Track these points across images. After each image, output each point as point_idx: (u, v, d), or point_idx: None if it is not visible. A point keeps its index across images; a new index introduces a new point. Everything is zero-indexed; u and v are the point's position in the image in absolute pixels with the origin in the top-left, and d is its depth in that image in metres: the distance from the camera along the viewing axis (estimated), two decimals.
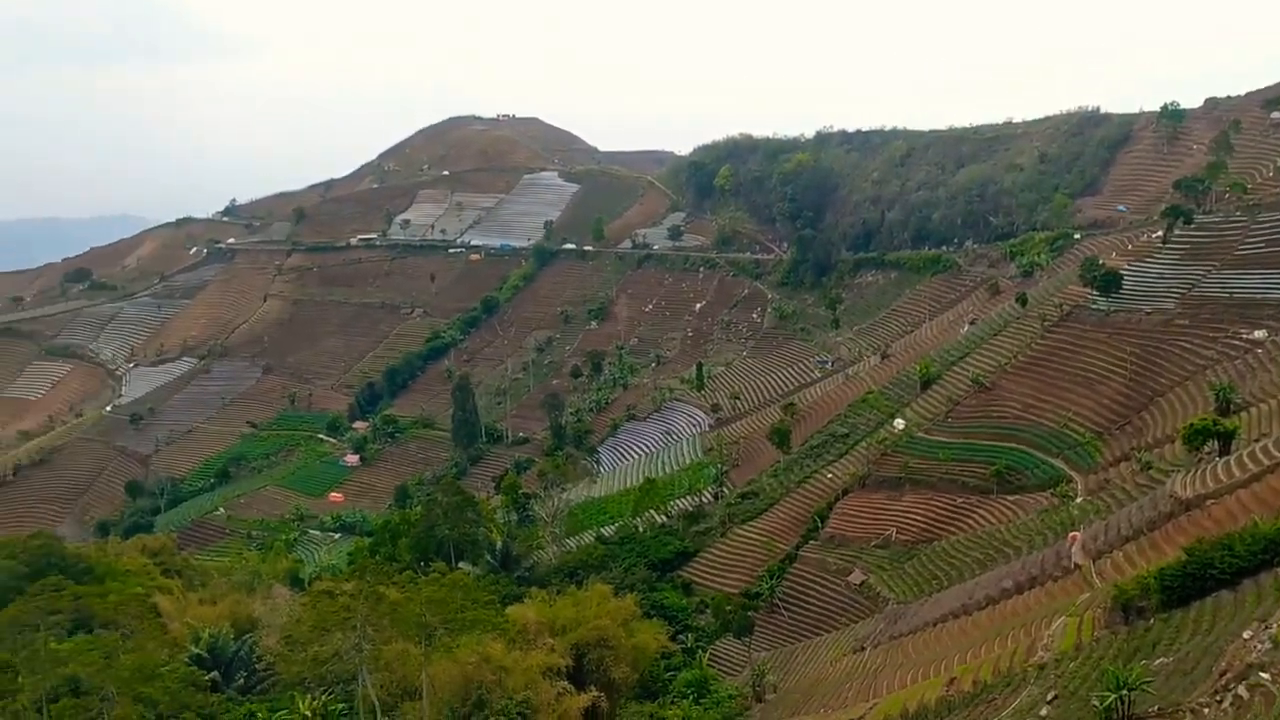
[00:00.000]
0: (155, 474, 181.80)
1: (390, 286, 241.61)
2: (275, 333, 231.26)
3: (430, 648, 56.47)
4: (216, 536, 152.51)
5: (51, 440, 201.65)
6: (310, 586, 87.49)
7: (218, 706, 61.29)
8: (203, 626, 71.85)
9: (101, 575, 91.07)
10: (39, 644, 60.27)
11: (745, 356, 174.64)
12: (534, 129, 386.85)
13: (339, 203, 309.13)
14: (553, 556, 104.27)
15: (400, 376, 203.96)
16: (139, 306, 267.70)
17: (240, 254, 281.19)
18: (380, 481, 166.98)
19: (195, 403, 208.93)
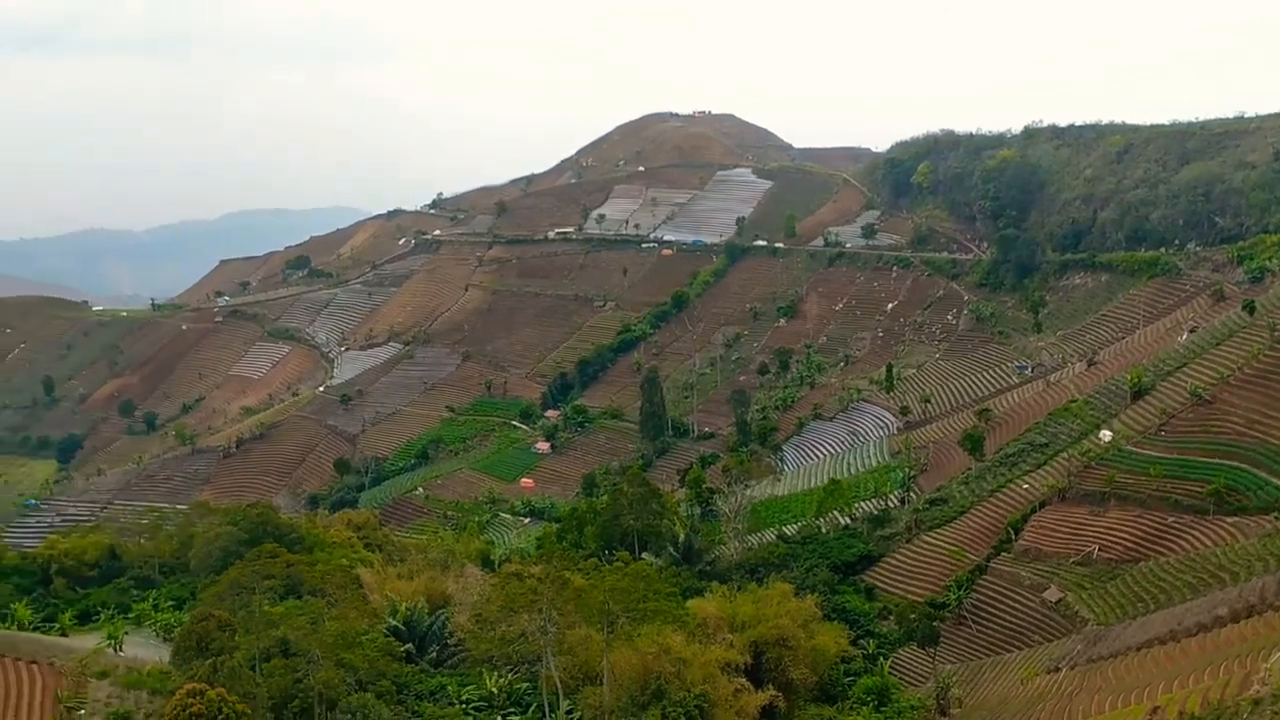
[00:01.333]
0: (361, 452, 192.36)
1: (584, 279, 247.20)
2: (475, 321, 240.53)
3: (612, 635, 57.53)
4: (415, 515, 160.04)
5: (271, 417, 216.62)
6: (500, 568, 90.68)
7: (411, 677, 64.30)
8: (400, 600, 75.39)
9: (311, 545, 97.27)
10: (255, 606, 64.64)
11: (938, 359, 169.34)
12: (729, 125, 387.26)
13: (538, 197, 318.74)
14: (734, 552, 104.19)
15: (591, 368, 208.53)
16: (351, 293, 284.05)
17: (445, 245, 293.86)
18: (569, 469, 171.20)
19: (400, 386, 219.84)
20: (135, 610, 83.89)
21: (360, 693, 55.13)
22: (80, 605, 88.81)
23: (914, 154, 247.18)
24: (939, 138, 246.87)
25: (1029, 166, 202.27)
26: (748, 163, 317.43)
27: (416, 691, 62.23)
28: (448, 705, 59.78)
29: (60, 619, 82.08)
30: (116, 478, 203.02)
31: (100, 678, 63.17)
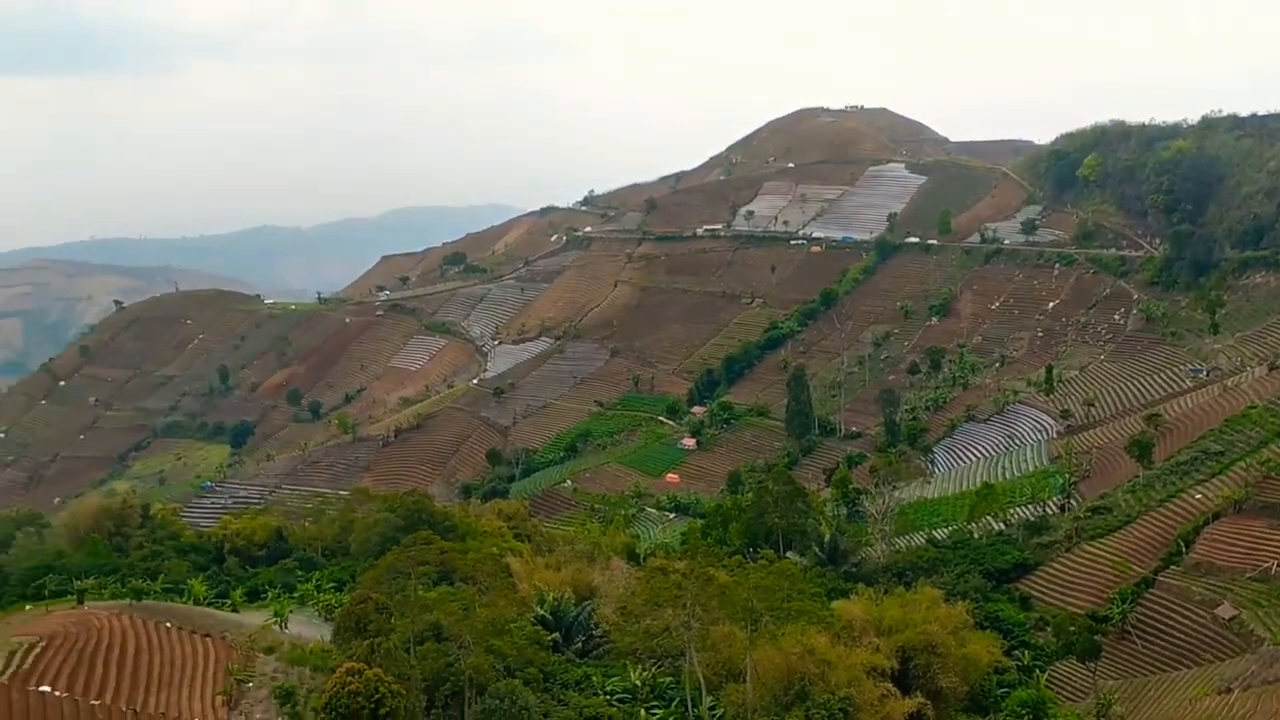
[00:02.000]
0: (512, 444, 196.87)
1: (732, 276, 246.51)
2: (623, 317, 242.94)
3: (755, 633, 57.10)
4: (563, 507, 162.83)
5: (427, 407, 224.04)
6: (645, 562, 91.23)
7: (557, 666, 65.38)
8: (548, 590, 76.75)
9: (463, 533, 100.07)
10: (410, 591, 66.81)
11: (1103, 360, 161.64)
12: (882, 120, 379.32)
13: (687, 194, 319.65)
14: (880, 555, 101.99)
15: (738, 365, 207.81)
16: (505, 289, 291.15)
17: (595, 242, 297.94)
18: (714, 466, 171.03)
19: (550, 380, 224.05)
20: (299, 590, 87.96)
21: (508, 679, 56.31)
22: (249, 583, 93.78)
23: (1080, 146, 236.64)
24: (1108, 129, 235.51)
25: (1207, 158, 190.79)
26: (901, 157, 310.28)
27: (562, 680, 63.21)
28: (592, 695, 60.51)
29: (232, 595, 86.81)
30: (284, 463, 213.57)
31: (267, 653, 66.49)
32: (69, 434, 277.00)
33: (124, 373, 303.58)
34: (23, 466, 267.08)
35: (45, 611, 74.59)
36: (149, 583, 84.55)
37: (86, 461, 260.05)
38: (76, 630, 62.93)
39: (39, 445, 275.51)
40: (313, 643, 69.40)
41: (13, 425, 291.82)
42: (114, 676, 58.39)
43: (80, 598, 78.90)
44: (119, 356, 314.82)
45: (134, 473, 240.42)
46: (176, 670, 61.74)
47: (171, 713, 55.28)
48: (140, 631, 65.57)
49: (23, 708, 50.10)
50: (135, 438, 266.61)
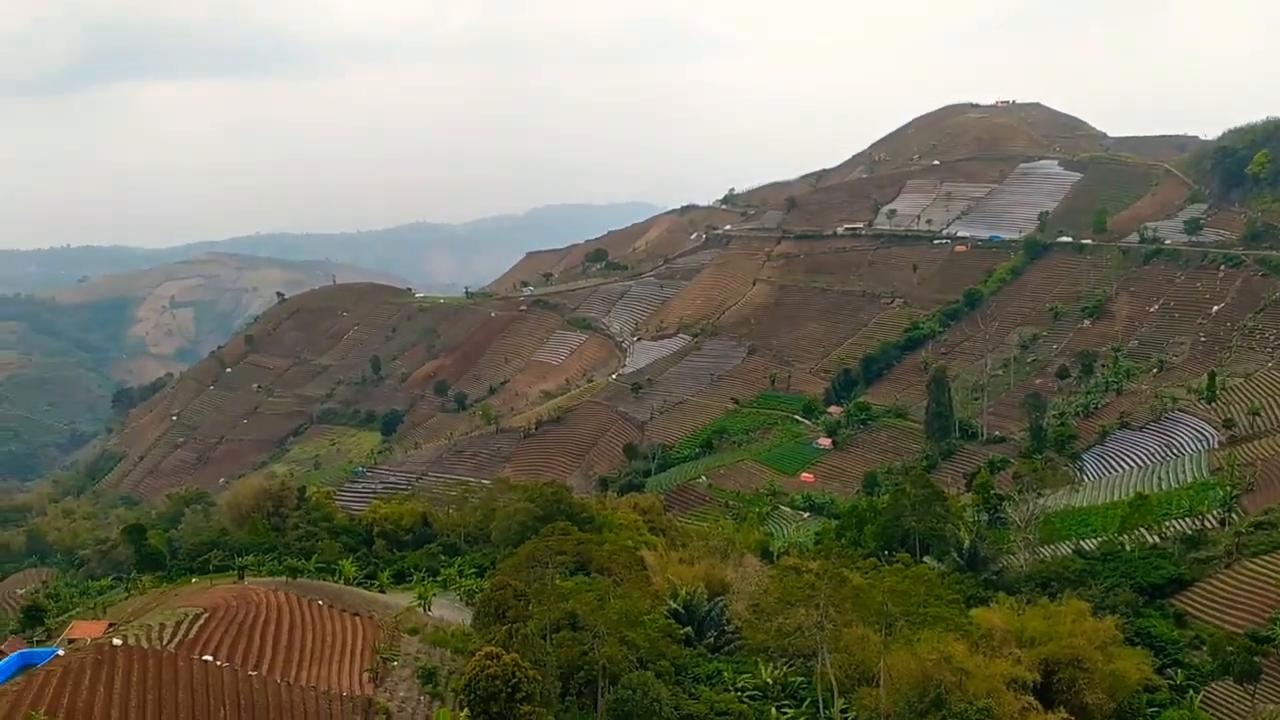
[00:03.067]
0: (649, 439, 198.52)
1: (872, 276, 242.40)
2: (761, 316, 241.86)
3: (890, 637, 56.40)
4: (697, 502, 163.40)
5: (567, 401, 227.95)
6: (778, 561, 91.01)
7: (689, 660, 65.95)
8: (681, 584, 77.40)
9: (599, 525, 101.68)
10: (547, 579, 68.43)
11: (1270, 368, 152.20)
12: (1035, 115, 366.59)
13: (828, 192, 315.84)
14: (1023, 564, 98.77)
15: (876, 365, 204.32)
16: (644, 286, 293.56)
17: (735, 240, 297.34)
18: (850, 466, 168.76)
19: (687, 377, 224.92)
20: (443, 574, 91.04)
21: (641, 670, 57.15)
22: (396, 566, 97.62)
23: (1250, 142, 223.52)
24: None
25: None
26: (1053, 154, 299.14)
27: (694, 674, 63.75)
28: (723, 691, 60.82)
29: (379, 577, 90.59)
30: (430, 451, 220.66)
31: (411, 634, 69.18)
32: (234, 418, 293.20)
33: (284, 361, 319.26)
34: (192, 448, 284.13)
35: (209, 585, 79.49)
36: (303, 561, 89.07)
37: (249, 444, 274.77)
38: (237, 604, 66.82)
39: (207, 428, 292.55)
40: (454, 626, 71.85)
41: (184, 409, 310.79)
42: (270, 649, 61.78)
43: (241, 573, 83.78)
44: (280, 346, 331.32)
45: (292, 456, 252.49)
46: (327, 646, 64.88)
47: (322, 686, 58.12)
48: (295, 608, 69.15)
49: (188, 674, 53.61)
50: (294, 423, 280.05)
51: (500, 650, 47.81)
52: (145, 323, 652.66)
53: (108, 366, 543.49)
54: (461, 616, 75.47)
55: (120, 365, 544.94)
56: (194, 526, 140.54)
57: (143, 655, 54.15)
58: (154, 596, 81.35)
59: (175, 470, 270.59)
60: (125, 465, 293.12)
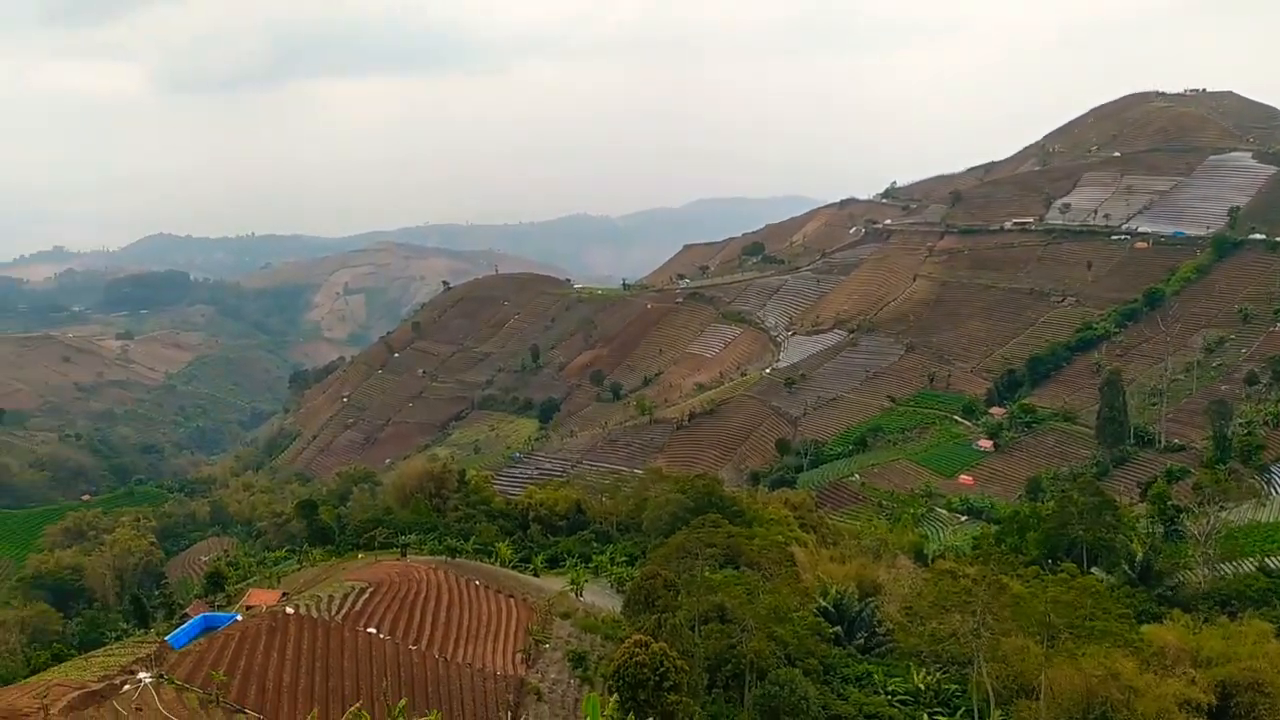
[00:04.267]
0: (801, 435, 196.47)
1: (1041, 273, 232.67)
2: (921, 312, 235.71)
3: (1052, 649, 54.12)
4: (849, 500, 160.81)
5: (720, 394, 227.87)
6: (933, 564, 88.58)
7: (838, 659, 64.98)
8: (831, 582, 76.35)
9: (750, 519, 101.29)
10: (697, 571, 68.65)
11: None
12: (1227, 104, 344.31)
13: (995, 185, 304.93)
14: (1201, 580, 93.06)
15: (1043, 366, 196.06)
16: (801, 280, 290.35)
17: (895, 234, 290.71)
18: (1012, 470, 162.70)
19: (842, 373, 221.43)
20: (595, 561, 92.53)
21: (789, 667, 56.65)
22: (550, 551, 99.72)
23: None
24: None
25: None
26: (1247, 145, 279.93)
27: (842, 674, 62.78)
28: (873, 694, 59.69)
29: (534, 561, 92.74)
30: (585, 440, 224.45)
31: (563, 618, 70.55)
32: (400, 401, 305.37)
33: (448, 348, 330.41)
34: (361, 428, 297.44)
35: (374, 560, 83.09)
36: (462, 542, 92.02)
37: (414, 427, 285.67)
38: (400, 580, 69.55)
39: (375, 410, 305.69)
40: (604, 612, 72.93)
41: (354, 391, 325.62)
42: (429, 625, 64.06)
43: (404, 551, 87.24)
44: (445, 333, 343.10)
45: (453, 440, 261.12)
46: (483, 625, 66.84)
47: (477, 664, 59.91)
48: (453, 586, 71.50)
49: (353, 645, 56.13)
50: (456, 408, 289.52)
51: (649, 639, 48.17)
52: (321, 308, 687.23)
53: (286, 349, 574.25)
54: (612, 603, 76.49)
55: (297, 348, 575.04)
56: (361, 504, 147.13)
57: (312, 624, 57.01)
58: (323, 569, 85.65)
59: (345, 450, 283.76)
60: (300, 443, 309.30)
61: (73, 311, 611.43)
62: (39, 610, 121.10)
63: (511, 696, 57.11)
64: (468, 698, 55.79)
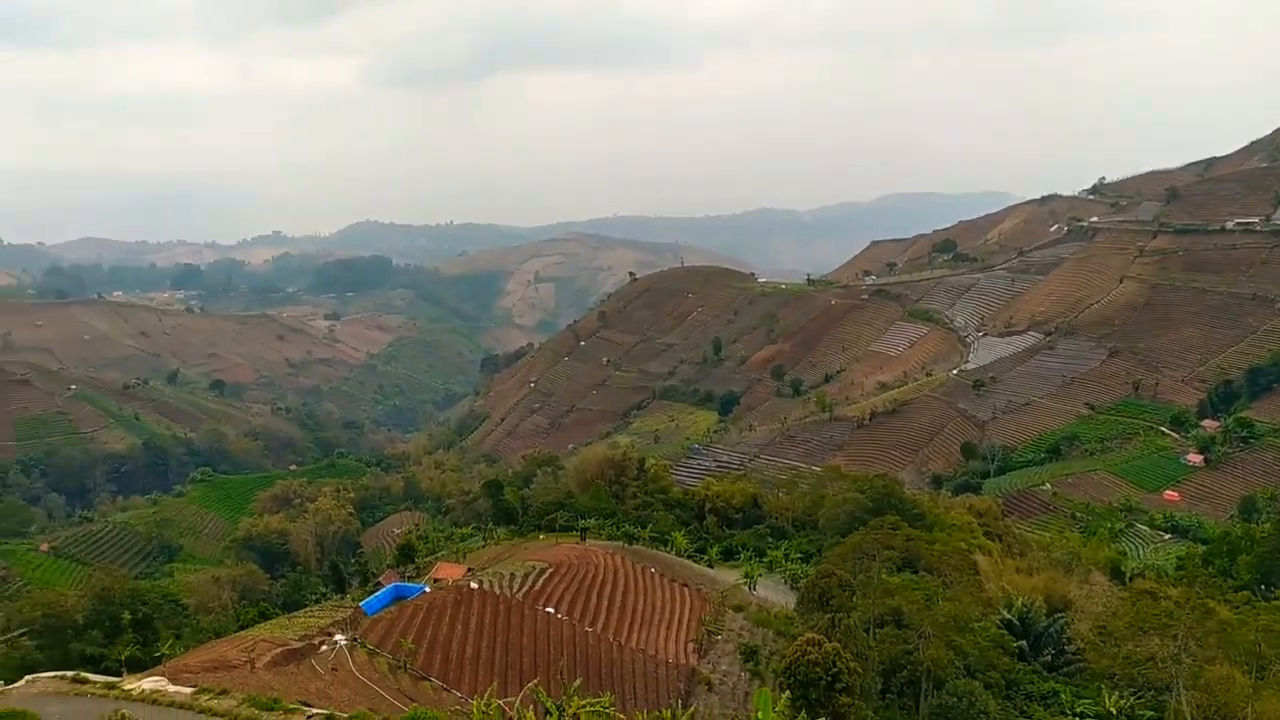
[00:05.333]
0: (989, 439, 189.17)
1: (1266, 276, 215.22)
2: (1127, 316, 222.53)
3: (1261, 681, 50.27)
4: (1039, 510, 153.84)
5: (903, 394, 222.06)
6: (1131, 582, 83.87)
7: (1022, 675, 62.36)
8: (1017, 594, 73.34)
9: (930, 524, 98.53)
10: (874, 573, 67.30)
11: None
12: None
13: (1217, 182, 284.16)
14: None
15: (1264, 377, 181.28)
16: (994, 279, 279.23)
17: (1101, 233, 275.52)
18: (1224, 487, 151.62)
19: (1035, 377, 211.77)
20: (769, 556, 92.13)
21: (968, 678, 54.87)
22: (725, 543, 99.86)
23: None
24: None
25: None
26: None
27: (1026, 691, 60.23)
28: (1059, 714, 57.02)
29: (708, 552, 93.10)
30: (763, 434, 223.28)
31: (736, 610, 70.58)
32: (584, 388, 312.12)
33: (632, 338, 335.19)
34: (546, 413, 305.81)
35: (555, 542, 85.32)
36: (639, 530, 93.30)
37: (596, 414, 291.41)
38: (578, 562, 71.18)
39: (560, 396, 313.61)
40: (777, 608, 72.52)
41: (541, 377, 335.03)
42: (605, 608, 65.30)
43: (583, 534, 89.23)
44: (629, 323, 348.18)
45: (633, 429, 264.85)
46: (657, 612, 67.62)
47: (650, 650, 60.66)
48: (629, 572, 72.63)
49: (532, 622, 57.83)
50: (637, 397, 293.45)
51: (822, 638, 47.65)
52: (512, 295, 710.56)
53: (479, 334, 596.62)
54: (785, 599, 76.00)
55: (489, 333, 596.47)
56: (544, 487, 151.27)
57: (494, 600, 59.10)
58: (506, 547, 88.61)
59: (530, 433, 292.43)
60: (488, 425, 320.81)
61: (287, 293, 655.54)
62: (249, 570, 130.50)
63: (682, 685, 57.58)
64: (639, 682, 56.60)
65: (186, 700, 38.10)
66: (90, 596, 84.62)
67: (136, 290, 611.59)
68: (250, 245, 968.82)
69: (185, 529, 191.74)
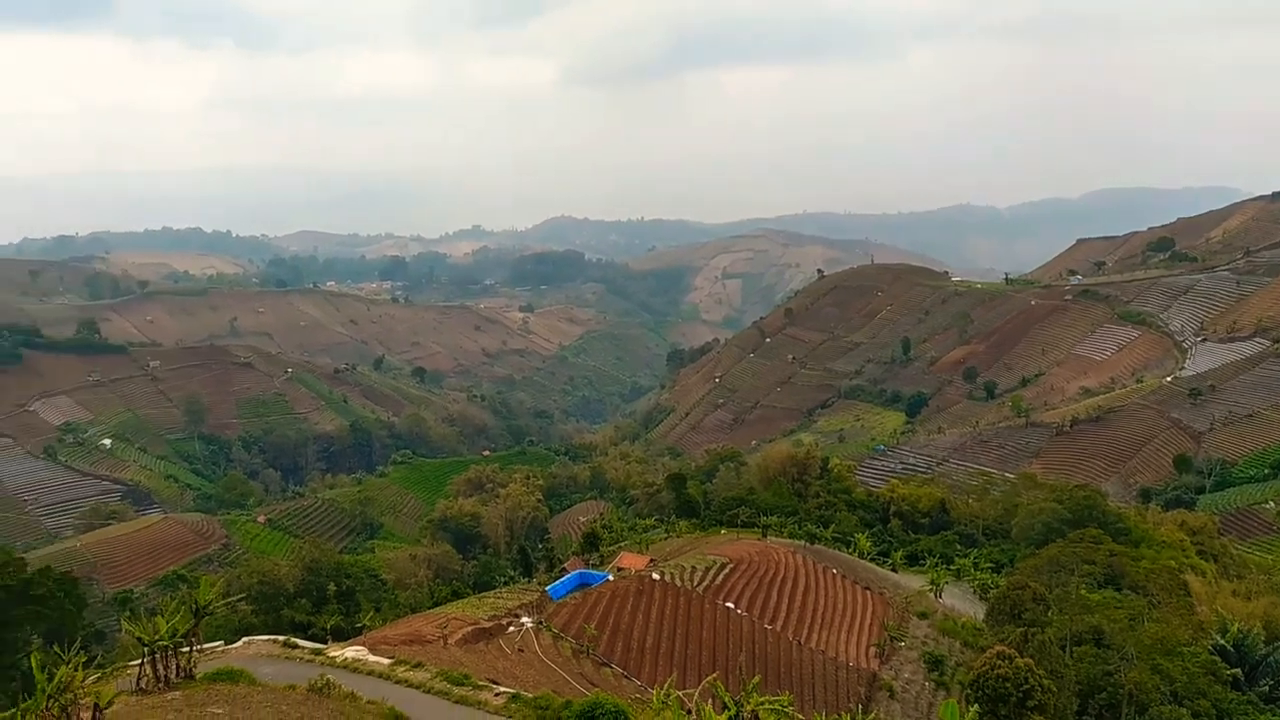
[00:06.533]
0: (1205, 452, 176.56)
1: None
2: None
3: None
4: (1260, 530, 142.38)
5: (1109, 401, 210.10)
6: None
7: (1234, 706, 57.93)
8: (1232, 619, 68.28)
9: (1136, 539, 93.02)
10: (1072, 588, 64.18)
11: None
12: None
13: None
14: None
15: None
16: (1216, 280, 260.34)
17: None
18: None
19: (1261, 386, 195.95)
20: (957, 564, 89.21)
21: (1174, 705, 51.52)
22: (910, 548, 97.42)
23: None
24: None
25: None
26: None
27: None
28: None
29: (892, 556, 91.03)
30: (953, 437, 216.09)
31: (921, 617, 68.68)
32: (769, 385, 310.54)
33: (819, 335, 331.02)
34: (729, 409, 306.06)
35: (736, 537, 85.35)
36: (821, 529, 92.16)
37: (780, 412, 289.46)
38: (759, 559, 70.93)
39: (744, 392, 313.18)
40: (964, 617, 70.16)
41: (726, 373, 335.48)
42: (785, 607, 64.83)
43: (764, 531, 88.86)
44: (816, 320, 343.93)
45: (817, 428, 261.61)
46: (838, 614, 66.61)
47: (830, 651, 59.85)
48: (810, 572, 71.83)
49: (711, 616, 58.06)
50: (822, 396, 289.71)
51: (1013, 652, 45.80)
52: (699, 291, 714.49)
53: (666, 328, 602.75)
54: (973, 609, 73.48)
55: (676, 328, 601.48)
56: (726, 482, 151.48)
57: (675, 592, 59.67)
58: (688, 540, 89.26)
59: (714, 428, 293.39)
60: (673, 419, 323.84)
61: (485, 285, 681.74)
62: (443, 550, 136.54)
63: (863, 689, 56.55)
64: (819, 684, 55.94)
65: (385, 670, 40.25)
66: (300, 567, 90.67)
67: (348, 280, 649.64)
68: (452, 239, 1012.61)
69: (386, 508, 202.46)
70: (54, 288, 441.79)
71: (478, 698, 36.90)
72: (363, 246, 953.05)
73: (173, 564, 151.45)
